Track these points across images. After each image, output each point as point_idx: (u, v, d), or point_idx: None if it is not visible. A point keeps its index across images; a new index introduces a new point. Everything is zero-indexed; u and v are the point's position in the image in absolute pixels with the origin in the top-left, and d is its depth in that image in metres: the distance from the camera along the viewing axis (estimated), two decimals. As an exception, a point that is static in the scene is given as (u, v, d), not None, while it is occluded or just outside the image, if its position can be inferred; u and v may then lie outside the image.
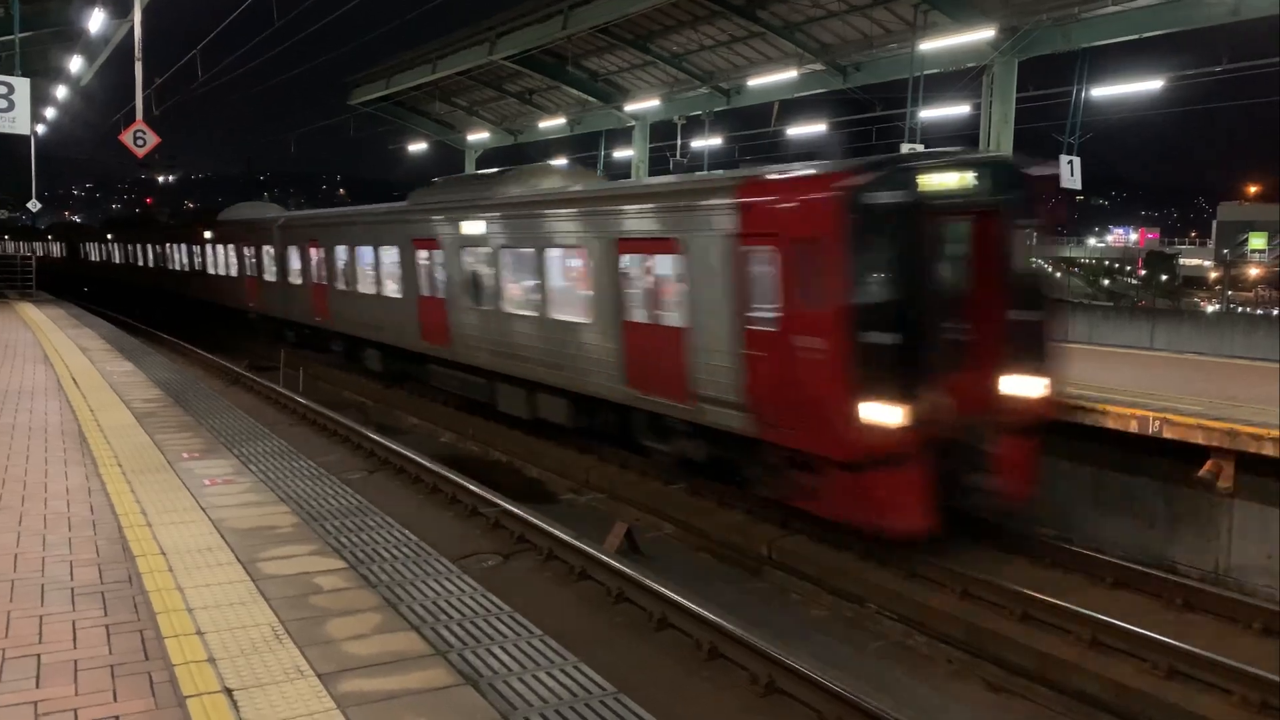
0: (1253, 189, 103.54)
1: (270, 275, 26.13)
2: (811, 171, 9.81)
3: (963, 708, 7.71)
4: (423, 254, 17.35)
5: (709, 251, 10.44)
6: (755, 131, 32.61)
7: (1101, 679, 7.57)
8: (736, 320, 10.11)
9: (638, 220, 11.80)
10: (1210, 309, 52.21)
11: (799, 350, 9.30)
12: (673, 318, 11.24)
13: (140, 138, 19.71)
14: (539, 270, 13.90)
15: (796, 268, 9.32)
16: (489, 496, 11.74)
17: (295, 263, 24.12)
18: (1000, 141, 20.47)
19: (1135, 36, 18.84)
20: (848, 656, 8.36)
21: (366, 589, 5.71)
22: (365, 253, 20.07)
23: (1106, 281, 68.43)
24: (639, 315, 11.88)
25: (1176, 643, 7.69)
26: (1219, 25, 17.73)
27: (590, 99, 31.76)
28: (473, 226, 15.61)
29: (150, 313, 36.39)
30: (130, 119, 22.07)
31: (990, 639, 8.33)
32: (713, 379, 10.55)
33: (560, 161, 31.66)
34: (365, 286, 20.22)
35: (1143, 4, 18.11)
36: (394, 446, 14.51)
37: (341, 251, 21.19)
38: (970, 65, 21.49)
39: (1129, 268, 76.95)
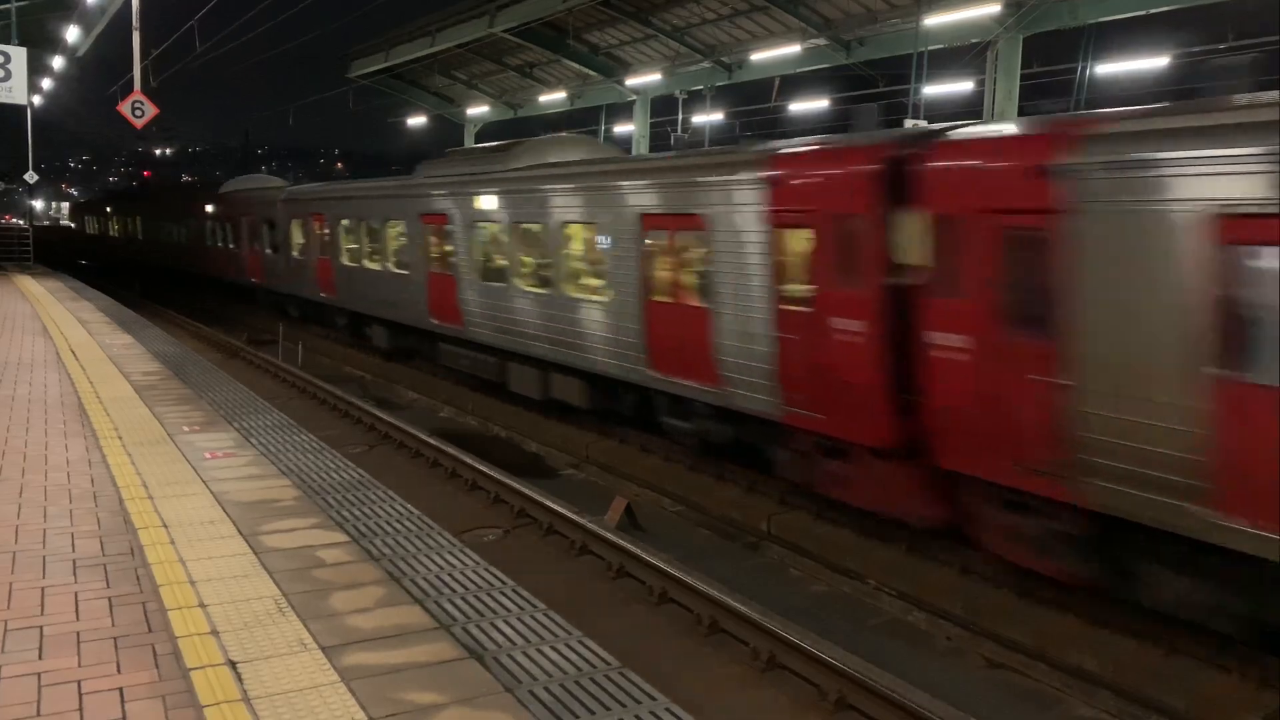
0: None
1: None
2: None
3: (961, 683, 7.73)
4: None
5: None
6: (757, 107, 32.44)
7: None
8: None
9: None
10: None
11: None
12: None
13: (139, 108, 19.59)
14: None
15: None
16: (489, 472, 11.73)
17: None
18: (1006, 119, 20.36)
19: (1142, 12, 18.69)
20: (847, 632, 8.38)
21: (369, 563, 5.71)
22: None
23: None
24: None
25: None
26: (1225, 2, 17.61)
27: (591, 73, 31.52)
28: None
29: (152, 286, 36.26)
30: (127, 90, 21.93)
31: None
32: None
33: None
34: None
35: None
36: (394, 421, 14.50)
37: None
38: (975, 41, 21.33)
39: None
